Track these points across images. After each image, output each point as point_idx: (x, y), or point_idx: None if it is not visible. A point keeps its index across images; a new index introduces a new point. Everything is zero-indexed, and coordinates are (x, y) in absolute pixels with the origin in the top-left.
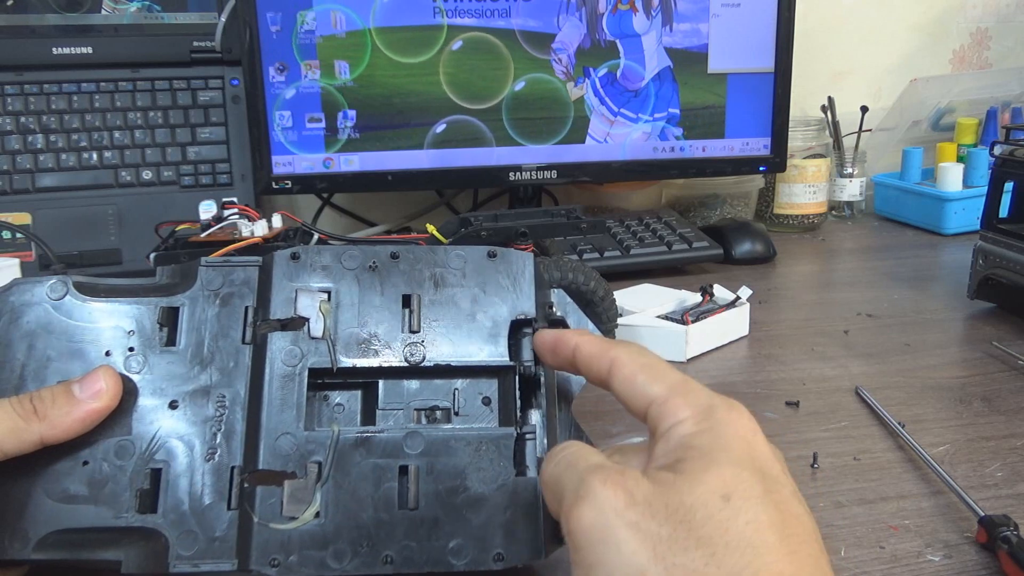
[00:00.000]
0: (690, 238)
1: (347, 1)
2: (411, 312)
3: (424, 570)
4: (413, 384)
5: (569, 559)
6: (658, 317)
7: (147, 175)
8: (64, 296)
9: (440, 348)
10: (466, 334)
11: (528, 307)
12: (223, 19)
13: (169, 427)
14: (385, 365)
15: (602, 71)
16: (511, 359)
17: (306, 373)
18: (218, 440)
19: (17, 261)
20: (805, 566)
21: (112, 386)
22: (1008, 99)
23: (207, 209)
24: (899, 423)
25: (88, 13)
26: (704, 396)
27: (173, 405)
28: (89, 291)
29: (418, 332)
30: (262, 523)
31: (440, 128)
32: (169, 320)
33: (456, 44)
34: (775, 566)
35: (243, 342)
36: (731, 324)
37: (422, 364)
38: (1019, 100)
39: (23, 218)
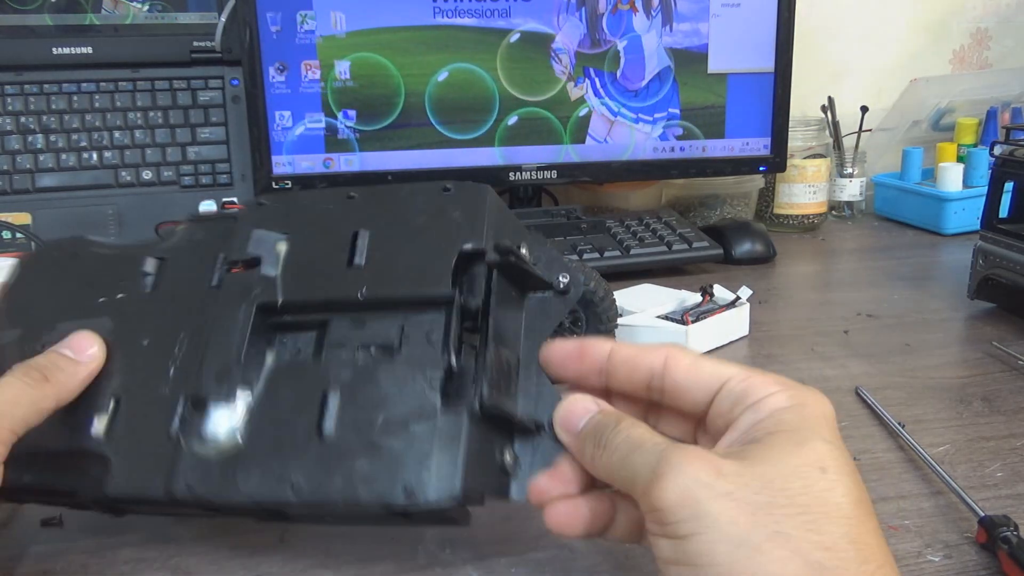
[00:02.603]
0: (690, 238)
1: (347, 1)
2: (358, 249)
3: (330, 499)
4: (362, 323)
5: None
6: (658, 317)
7: (147, 175)
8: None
9: (385, 283)
10: (413, 269)
11: (476, 240)
12: (223, 19)
13: (137, 364)
14: (329, 299)
15: (602, 71)
16: (455, 292)
17: (254, 308)
18: (171, 374)
19: (17, 261)
20: (881, 540)
21: (100, 346)
22: (1008, 99)
23: (207, 209)
24: (899, 423)
25: (88, 13)
26: (780, 377)
27: (146, 344)
28: (93, 245)
29: (364, 267)
30: (187, 449)
31: (440, 128)
32: (157, 271)
33: (456, 44)
34: (866, 537)
35: (210, 285)
36: (731, 324)
37: (363, 298)
38: (1019, 100)
39: (23, 218)
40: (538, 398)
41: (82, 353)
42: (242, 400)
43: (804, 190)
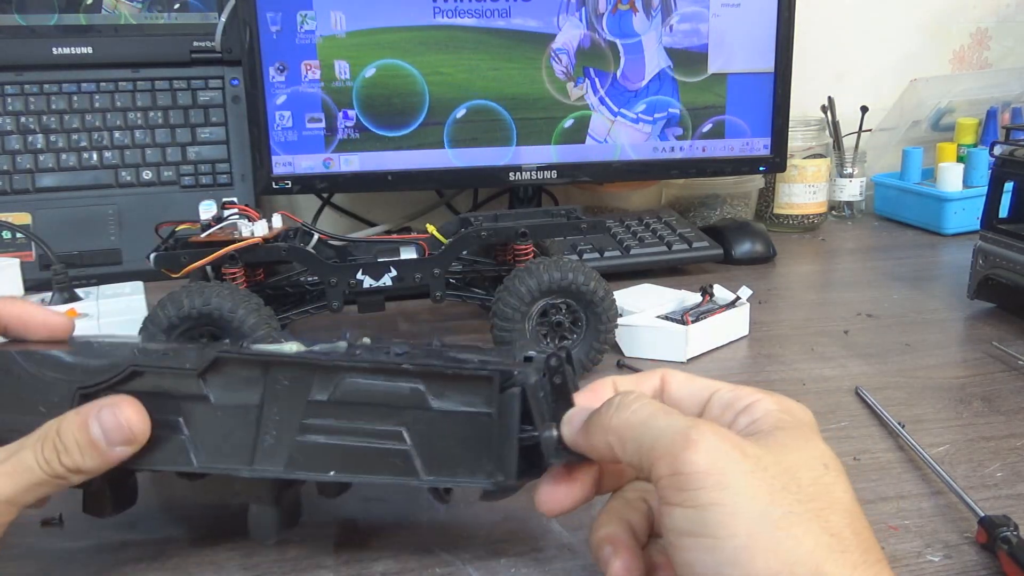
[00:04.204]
0: (690, 238)
1: (347, 1)
2: None
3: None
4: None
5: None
6: (658, 317)
7: (147, 175)
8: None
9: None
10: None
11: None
12: (223, 19)
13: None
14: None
15: (602, 71)
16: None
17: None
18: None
19: (17, 261)
20: (874, 538)
21: (141, 426)
22: (1008, 99)
23: (207, 209)
24: (899, 423)
25: (88, 13)
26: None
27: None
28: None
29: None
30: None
31: (440, 128)
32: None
33: (456, 44)
34: (863, 532)
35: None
36: (731, 324)
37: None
38: (1019, 100)
39: (23, 218)
40: None
41: (114, 438)
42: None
43: (804, 190)
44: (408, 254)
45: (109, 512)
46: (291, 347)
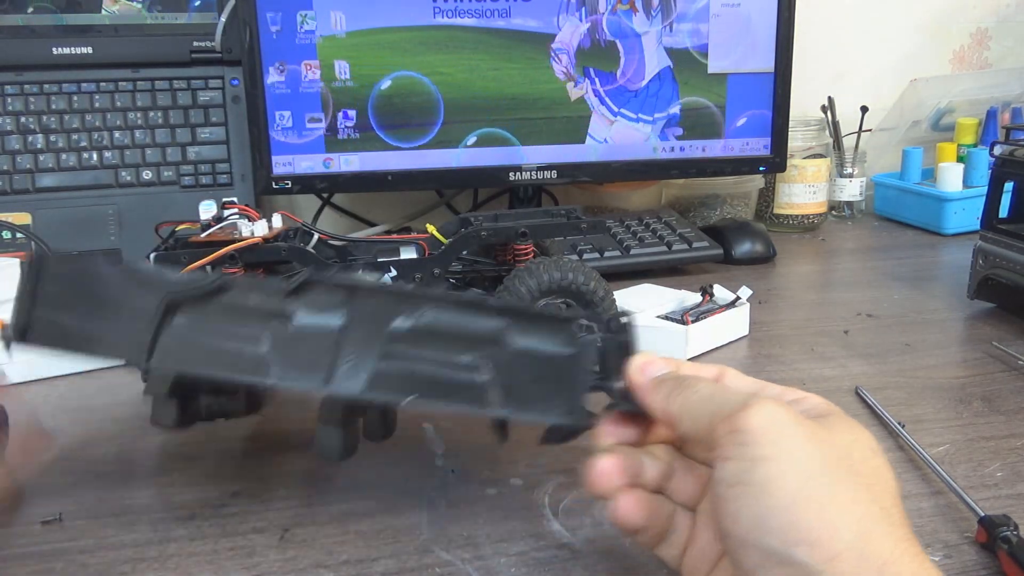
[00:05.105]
0: (690, 238)
1: (347, 1)
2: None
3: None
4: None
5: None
6: (658, 317)
7: (147, 175)
8: None
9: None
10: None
11: None
12: (223, 19)
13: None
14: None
15: (602, 71)
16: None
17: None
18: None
19: (17, 261)
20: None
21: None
22: (1008, 99)
23: (207, 209)
24: (899, 423)
25: (88, 13)
26: None
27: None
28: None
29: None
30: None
31: (440, 128)
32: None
33: (456, 44)
34: (905, 518)
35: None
36: (731, 324)
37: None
38: (1019, 100)
39: (23, 218)
40: None
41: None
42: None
43: (804, 190)
44: (408, 254)
45: (172, 423)
46: (376, 278)
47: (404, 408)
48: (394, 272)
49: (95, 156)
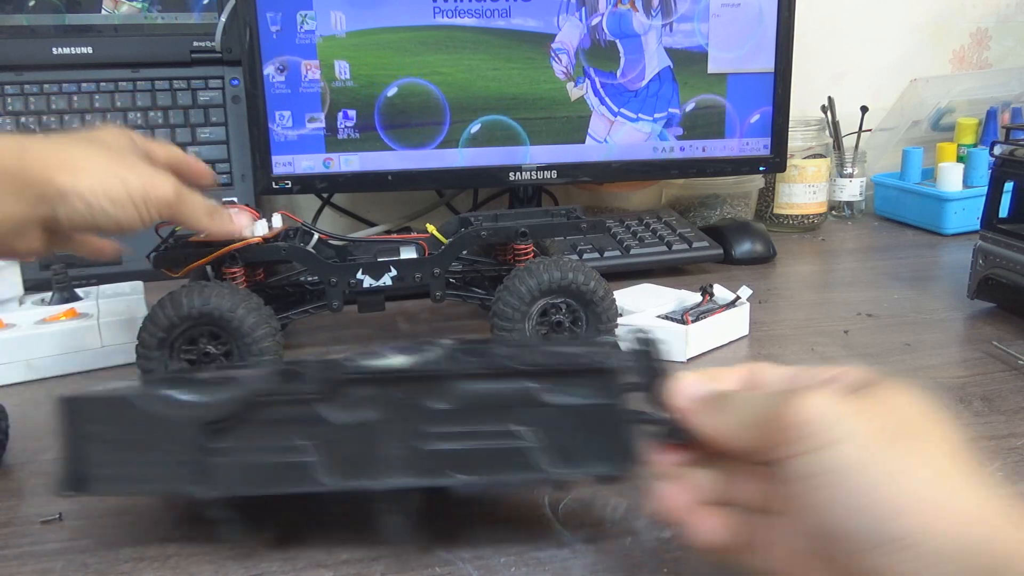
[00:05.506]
0: (690, 238)
1: (347, 1)
2: None
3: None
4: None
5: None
6: (658, 317)
7: None
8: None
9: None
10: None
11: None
12: (223, 19)
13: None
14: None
15: (602, 71)
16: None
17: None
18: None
19: (17, 261)
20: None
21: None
22: (1008, 99)
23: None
24: None
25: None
26: None
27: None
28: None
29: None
30: (351, 362)
31: (440, 128)
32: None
33: (456, 44)
34: (968, 458)
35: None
36: (731, 324)
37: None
38: (1019, 100)
39: None
40: None
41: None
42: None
43: (804, 190)
44: (408, 254)
45: (239, 536)
46: (397, 360)
47: (458, 489)
48: (395, 272)
49: None
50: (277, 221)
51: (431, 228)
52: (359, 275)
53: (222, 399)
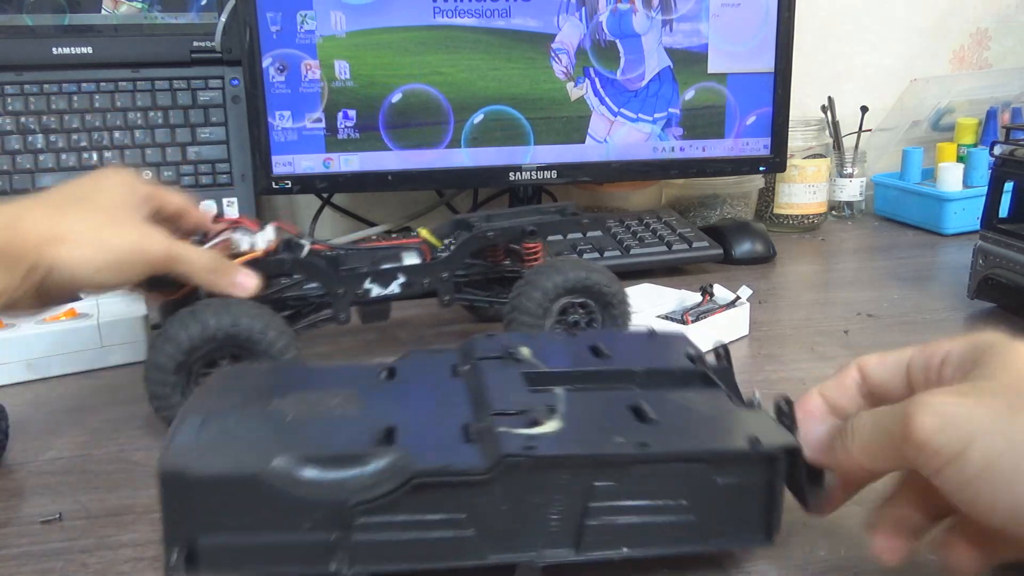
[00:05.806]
0: (690, 238)
1: (347, 1)
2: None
3: (672, 448)
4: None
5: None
6: (658, 317)
7: (147, 175)
8: None
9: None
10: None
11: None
12: (223, 19)
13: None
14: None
15: (602, 71)
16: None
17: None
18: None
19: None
20: None
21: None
22: (1008, 99)
23: (207, 209)
24: None
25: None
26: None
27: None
28: None
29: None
30: (506, 431)
31: (439, 128)
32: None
33: (456, 44)
34: None
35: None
36: (731, 324)
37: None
38: (1019, 100)
39: None
40: None
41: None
42: (543, 409)
43: (804, 190)
44: (411, 259)
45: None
46: (552, 426)
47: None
48: (404, 279)
49: (95, 156)
50: (270, 233)
51: (424, 232)
52: (367, 284)
53: (364, 473)
